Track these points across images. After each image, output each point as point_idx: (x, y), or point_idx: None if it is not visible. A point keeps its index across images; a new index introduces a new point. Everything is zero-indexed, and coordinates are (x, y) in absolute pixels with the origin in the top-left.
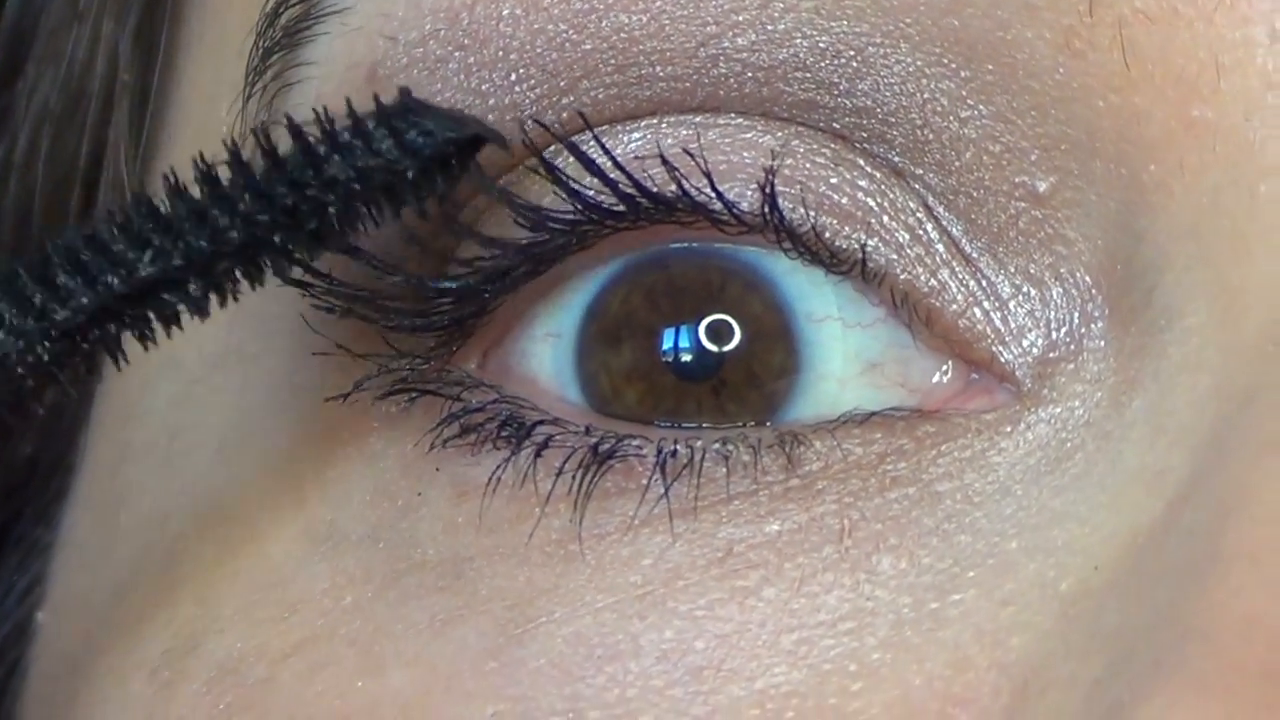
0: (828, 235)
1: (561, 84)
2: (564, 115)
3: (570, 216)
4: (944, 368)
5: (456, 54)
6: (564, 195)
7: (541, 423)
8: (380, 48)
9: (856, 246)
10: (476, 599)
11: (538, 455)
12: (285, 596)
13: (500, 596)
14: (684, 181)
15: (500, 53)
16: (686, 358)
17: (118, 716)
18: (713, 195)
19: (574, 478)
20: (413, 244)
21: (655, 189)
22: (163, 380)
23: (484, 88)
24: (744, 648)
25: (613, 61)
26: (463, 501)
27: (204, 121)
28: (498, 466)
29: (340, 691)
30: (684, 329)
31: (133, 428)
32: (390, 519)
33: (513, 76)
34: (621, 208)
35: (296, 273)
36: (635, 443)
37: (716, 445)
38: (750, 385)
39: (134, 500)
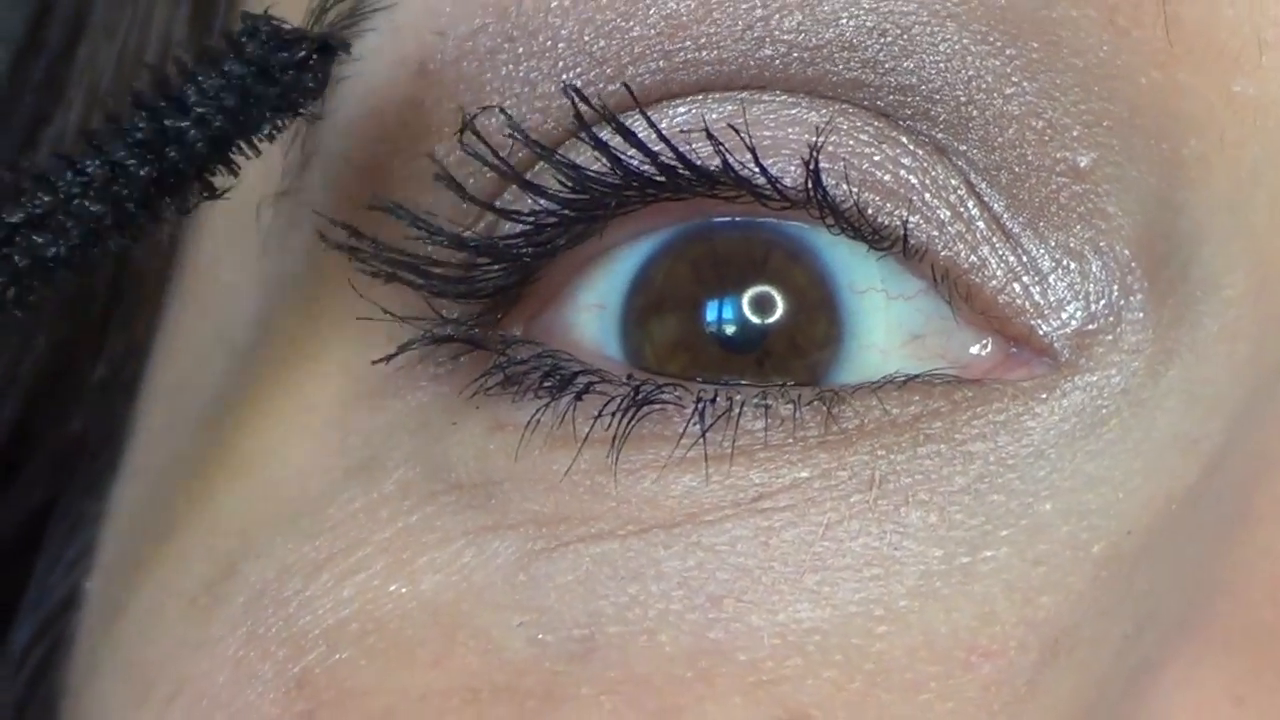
0: (870, 212)
1: (608, 71)
2: (610, 99)
3: (612, 180)
4: (983, 342)
5: (506, 45)
6: (607, 162)
7: (583, 372)
8: (429, 43)
9: (898, 223)
10: (506, 519)
11: (578, 399)
12: (321, 517)
13: (531, 520)
14: (728, 156)
15: (549, 42)
16: (730, 329)
17: (155, 644)
18: (757, 170)
19: (613, 417)
20: (452, 189)
21: (699, 162)
22: (215, 355)
23: (533, 76)
24: (765, 582)
25: (659, 47)
26: (497, 432)
27: None
28: (537, 410)
29: (373, 595)
30: (728, 300)
31: (184, 399)
32: (425, 445)
33: (560, 64)
34: (663, 178)
35: (341, 236)
36: (676, 392)
37: (756, 398)
38: (794, 355)
39: (181, 465)
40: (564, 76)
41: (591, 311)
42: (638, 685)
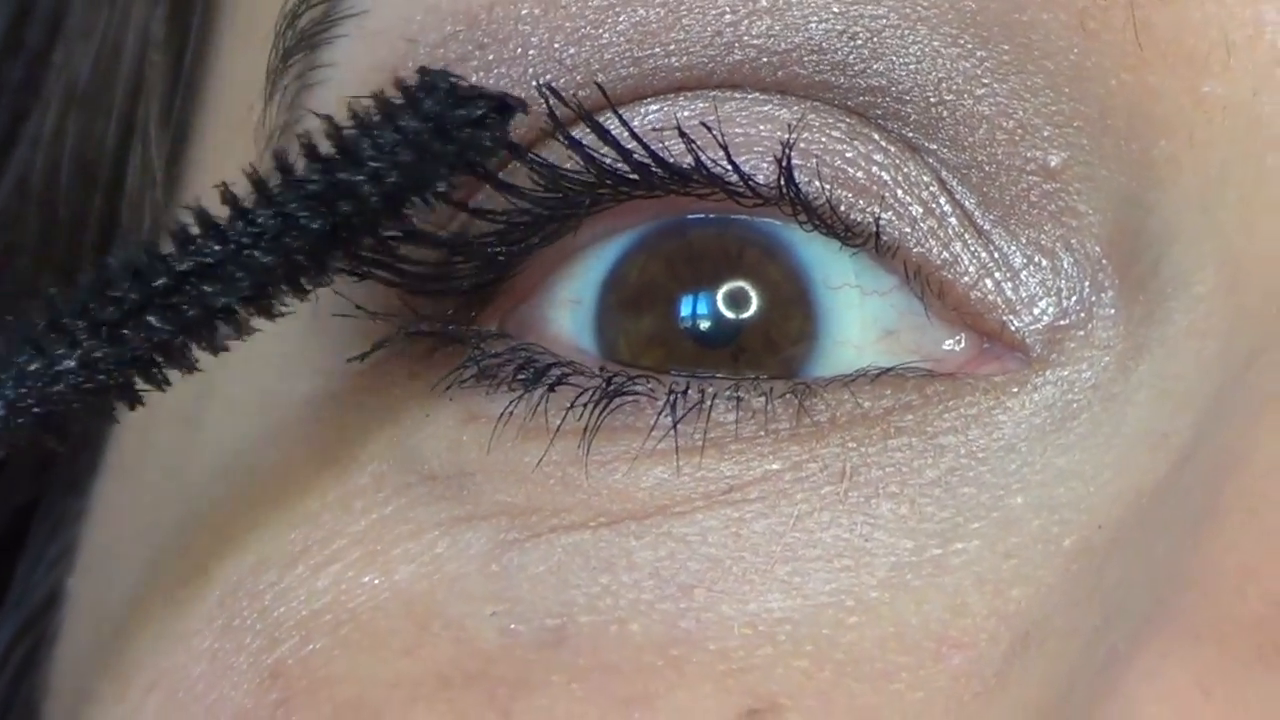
0: (843, 208)
1: (578, 77)
2: (581, 102)
3: (585, 179)
4: (956, 337)
5: (476, 53)
6: (580, 160)
7: (556, 365)
8: (401, 50)
9: (870, 220)
10: (479, 510)
11: (550, 391)
12: (296, 510)
13: (504, 511)
14: (700, 154)
15: (519, 49)
16: (705, 324)
17: (134, 640)
18: (729, 167)
19: (585, 408)
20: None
21: (672, 160)
22: None
23: (503, 82)
24: (736, 572)
25: (629, 54)
26: (470, 424)
27: (235, 113)
28: (510, 402)
29: (347, 587)
30: (702, 296)
31: (160, 396)
32: (398, 437)
33: (530, 71)
34: (635, 176)
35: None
36: (648, 384)
37: (728, 390)
38: (769, 351)
39: (158, 459)
40: (534, 82)
41: (567, 307)
42: (608, 673)
